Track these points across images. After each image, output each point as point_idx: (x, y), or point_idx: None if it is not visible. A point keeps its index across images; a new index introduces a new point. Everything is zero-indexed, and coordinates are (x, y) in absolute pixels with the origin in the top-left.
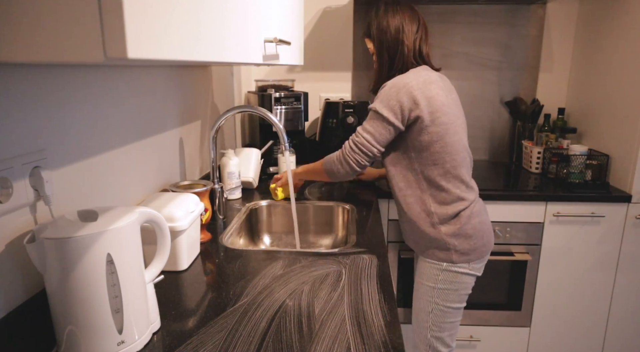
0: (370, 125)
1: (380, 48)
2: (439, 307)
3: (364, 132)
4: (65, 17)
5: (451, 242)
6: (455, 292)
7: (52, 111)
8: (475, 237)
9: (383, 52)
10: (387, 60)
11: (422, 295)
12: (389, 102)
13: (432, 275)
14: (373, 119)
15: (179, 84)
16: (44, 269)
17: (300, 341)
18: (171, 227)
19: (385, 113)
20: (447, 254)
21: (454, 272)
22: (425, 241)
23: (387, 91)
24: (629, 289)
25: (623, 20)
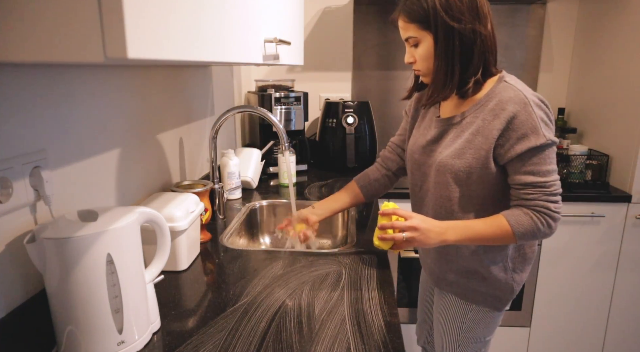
0: (550, 164)
1: (449, 45)
2: (467, 339)
3: (552, 175)
4: (65, 17)
5: (516, 290)
6: (485, 328)
7: (52, 111)
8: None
9: (454, 50)
10: (459, 63)
11: (446, 331)
12: (548, 123)
13: (458, 315)
14: (548, 154)
15: (179, 84)
16: (44, 269)
17: (300, 341)
18: (171, 227)
19: (553, 137)
20: (504, 301)
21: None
22: (487, 289)
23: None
24: (629, 289)
25: (623, 20)
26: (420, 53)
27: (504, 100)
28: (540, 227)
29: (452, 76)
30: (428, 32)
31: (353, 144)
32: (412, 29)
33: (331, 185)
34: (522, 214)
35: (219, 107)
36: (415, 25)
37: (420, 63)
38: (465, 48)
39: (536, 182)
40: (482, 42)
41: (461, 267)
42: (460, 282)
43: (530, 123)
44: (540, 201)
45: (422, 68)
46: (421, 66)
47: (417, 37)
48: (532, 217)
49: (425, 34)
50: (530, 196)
